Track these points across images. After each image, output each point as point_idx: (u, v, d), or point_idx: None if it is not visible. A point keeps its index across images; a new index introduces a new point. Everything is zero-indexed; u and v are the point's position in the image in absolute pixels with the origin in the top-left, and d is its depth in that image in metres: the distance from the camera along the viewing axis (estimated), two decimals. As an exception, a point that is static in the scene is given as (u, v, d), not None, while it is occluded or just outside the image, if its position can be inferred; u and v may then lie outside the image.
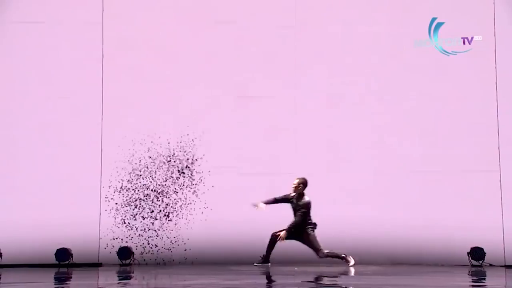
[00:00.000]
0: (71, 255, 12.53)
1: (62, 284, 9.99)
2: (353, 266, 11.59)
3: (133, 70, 12.99)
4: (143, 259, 12.63)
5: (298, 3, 13.09)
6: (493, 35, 12.79)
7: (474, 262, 12.29)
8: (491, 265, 12.24)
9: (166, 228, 12.76)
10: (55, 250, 12.47)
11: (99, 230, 12.73)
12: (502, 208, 12.48)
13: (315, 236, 11.61)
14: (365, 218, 12.62)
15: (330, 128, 12.93)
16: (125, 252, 12.60)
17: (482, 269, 11.85)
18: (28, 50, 12.97)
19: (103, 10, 13.03)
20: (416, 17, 13.06)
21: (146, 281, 10.05)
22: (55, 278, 10.67)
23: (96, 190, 12.79)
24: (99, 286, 9.63)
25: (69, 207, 12.69)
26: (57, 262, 12.45)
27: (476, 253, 12.29)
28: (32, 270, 11.89)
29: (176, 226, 12.67)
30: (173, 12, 13.15)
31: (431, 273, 10.85)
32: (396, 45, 13.02)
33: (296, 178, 11.80)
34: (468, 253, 12.34)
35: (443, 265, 12.25)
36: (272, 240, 11.63)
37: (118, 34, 13.03)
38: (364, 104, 12.94)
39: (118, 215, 12.80)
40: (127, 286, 9.59)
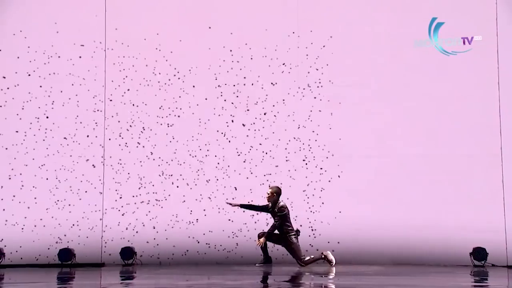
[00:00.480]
0: (74, 255, 12.56)
1: (65, 284, 10.02)
2: (334, 263, 11.59)
3: (136, 72, 13.04)
4: (141, 260, 12.67)
5: (300, 4, 13.12)
6: (495, 35, 12.77)
7: (477, 263, 12.28)
8: (494, 266, 12.23)
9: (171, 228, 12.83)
10: (58, 250, 12.53)
11: (102, 231, 12.76)
12: (505, 209, 12.45)
13: (298, 245, 11.61)
14: (366, 218, 12.64)
15: (330, 128, 12.93)
16: (128, 252, 12.62)
17: (485, 270, 11.84)
18: (31, 51, 13.00)
19: (106, 11, 13.09)
20: (416, 17, 13.04)
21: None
22: (58, 278, 10.71)
23: (99, 191, 12.83)
24: (102, 286, 9.67)
25: (72, 208, 12.76)
26: (60, 262, 12.49)
27: (479, 254, 12.28)
28: (35, 270, 11.95)
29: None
30: (175, 14, 13.18)
31: (433, 273, 10.86)
32: (396, 45, 13.01)
33: (269, 188, 11.87)
34: (471, 254, 12.32)
35: (446, 266, 12.24)
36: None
37: (121, 35, 13.08)
38: (364, 104, 12.93)
39: (121, 216, 12.81)
40: (130, 286, 9.61)
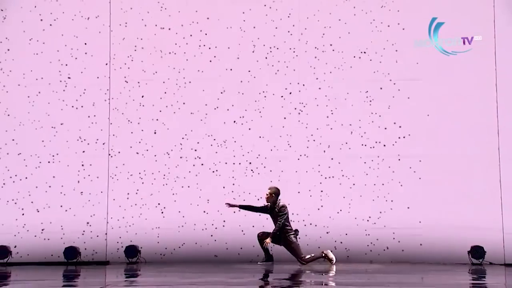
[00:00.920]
0: (79, 254, 12.66)
1: (71, 282, 10.09)
2: (335, 261, 11.65)
3: (140, 72, 13.13)
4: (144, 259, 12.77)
5: (301, 5, 13.15)
6: (493, 36, 12.77)
7: (475, 261, 12.34)
8: (491, 264, 12.30)
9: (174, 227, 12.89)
10: (64, 249, 12.61)
11: (107, 229, 12.84)
12: (502, 208, 12.51)
13: (298, 244, 11.68)
14: (367, 218, 12.71)
15: (331, 128, 12.96)
16: (132, 251, 12.71)
17: (482, 268, 11.90)
18: (37, 52, 13.12)
19: (111, 14, 13.18)
20: (416, 17, 13.02)
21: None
22: (64, 276, 10.77)
23: (104, 191, 12.92)
24: (107, 284, 9.68)
25: (77, 208, 12.86)
26: (66, 260, 12.58)
27: (476, 252, 12.35)
28: (42, 268, 12.00)
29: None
30: (176, 14, 13.23)
31: (433, 271, 10.90)
32: (396, 45, 13.02)
33: (268, 188, 11.88)
34: (469, 252, 12.39)
35: (444, 264, 12.29)
36: (261, 240, 11.74)
37: (126, 37, 13.18)
38: (364, 104, 12.95)
39: (125, 215, 12.88)
40: (134, 284, 9.69)
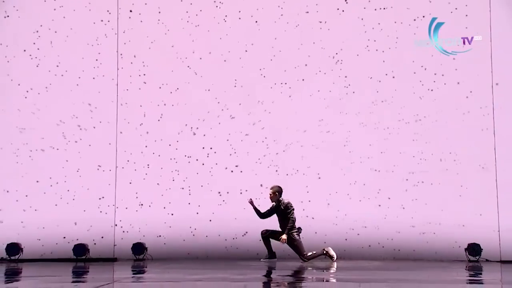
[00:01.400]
0: (88, 251, 12.85)
1: (80, 278, 10.21)
2: (336, 258, 11.75)
3: (146, 75, 13.28)
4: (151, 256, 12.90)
5: (302, 5, 13.25)
6: (495, 36, 12.83)
7: (471, 258, 12.47)
8: (488, 261, 12.44)
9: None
10: (73, 246, 12.81)
11: (115, 227, 13.01)
12: (498, 206, 12.64)
13: (301, 242, 11.79)
14: (367, 217, 12.84)
15: (331, 128, 13.05)
16: (139, 248, 12.88)
17: (479, 264, 12.02)
18: (45, 55, 13.31)
19: (118, 19, 13.35)
20: (416, 17, 13.06)
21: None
22: (73, 272, 10.90)
23: (111, 189, 13.08)
24: (115, 280, 9.80)
25: (86, 205, 13.03)
26: (75, 257, 12.76)
27: (473, 249, 12.49)
28: (51, 264, 12.15)
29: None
30: (178, 15, 13.35)
31: (431, 268, 11.04)
32: (396, 45, 13.08)
33: (270, 188, 11.95)
34: (466, 249, 12.53)
35: (442, 261, 12.41)
36: (265, 237, 11.88)
37: (132, 41, 13.34)
38: (364, 105, 13.03)
39: (133, 212, 13.04)
40: (141, 280, 9.79)
